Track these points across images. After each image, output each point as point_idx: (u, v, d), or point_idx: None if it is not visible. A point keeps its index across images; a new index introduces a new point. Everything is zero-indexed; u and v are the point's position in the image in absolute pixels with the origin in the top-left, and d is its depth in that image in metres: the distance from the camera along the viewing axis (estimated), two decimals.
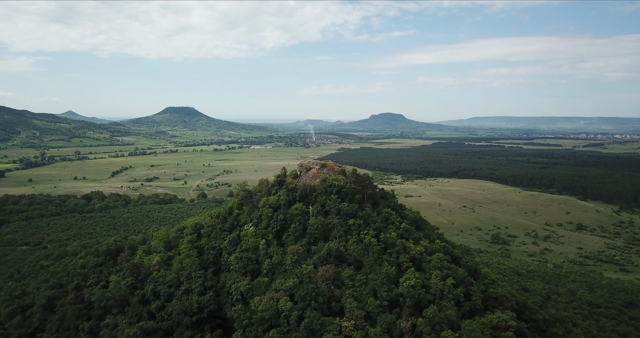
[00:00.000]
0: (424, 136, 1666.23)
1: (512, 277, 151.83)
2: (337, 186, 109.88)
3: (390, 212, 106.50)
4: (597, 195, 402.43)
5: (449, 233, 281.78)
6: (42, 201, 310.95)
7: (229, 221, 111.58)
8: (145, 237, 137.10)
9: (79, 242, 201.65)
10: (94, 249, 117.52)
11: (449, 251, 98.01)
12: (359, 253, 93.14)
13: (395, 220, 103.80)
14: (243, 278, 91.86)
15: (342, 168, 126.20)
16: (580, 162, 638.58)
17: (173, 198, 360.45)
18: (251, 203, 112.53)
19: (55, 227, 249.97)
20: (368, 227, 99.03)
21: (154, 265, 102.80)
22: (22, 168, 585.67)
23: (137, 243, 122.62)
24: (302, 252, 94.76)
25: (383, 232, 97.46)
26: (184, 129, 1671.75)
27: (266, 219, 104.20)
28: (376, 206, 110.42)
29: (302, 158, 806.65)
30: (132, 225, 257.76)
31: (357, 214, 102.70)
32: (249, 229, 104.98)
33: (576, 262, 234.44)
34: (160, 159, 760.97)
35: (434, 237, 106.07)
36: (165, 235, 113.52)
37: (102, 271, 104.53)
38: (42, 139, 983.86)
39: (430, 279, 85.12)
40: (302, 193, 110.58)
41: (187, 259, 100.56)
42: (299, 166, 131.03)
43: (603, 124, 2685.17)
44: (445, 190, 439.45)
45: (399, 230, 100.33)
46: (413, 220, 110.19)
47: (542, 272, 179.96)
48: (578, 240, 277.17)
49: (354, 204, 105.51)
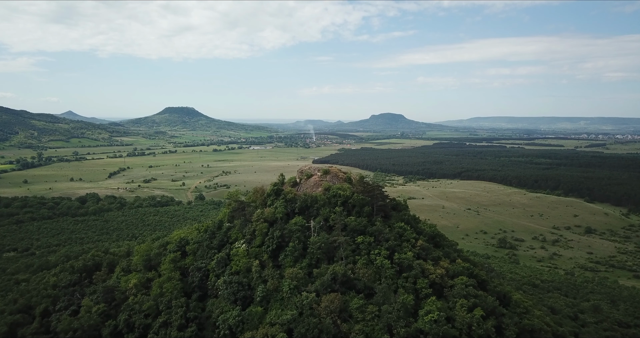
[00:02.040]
0: (425, 136, 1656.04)
1: (530, 291, 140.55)
2: (343, 196, 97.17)
3: (405, 226, 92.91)
4: (605, 197, 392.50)
5: (454, 237, 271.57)
6: (35, 204, 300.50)
7: (218, 237, 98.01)
8: (130, 249, 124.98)
9: (67, 248, 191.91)
10: (69, 265, 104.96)
11: (473, 273, 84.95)
12: (370, 278, 79.92)
13: (411, 236, 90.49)
14: (232, 307, 78.75)
15: (348, 174, 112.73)
16: (584, 162, 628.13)
17: (170, 201, 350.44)
18: (243, 216, 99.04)
19: (46, 232, 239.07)
20: (379, 246, 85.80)
21: (130, 288, 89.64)
22: (18, 169, 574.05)
23: (118, 258, 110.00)
24: (303, 276, 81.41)
25: (397, 252, 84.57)
26: (183, 129, 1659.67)
27: (260, 235, 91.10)
28: (387, 219, 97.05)
29: (302, 159, 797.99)
30: (125, 230, 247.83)
31: (366, 230, 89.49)
32: (240, 247, 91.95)
33: (587, 267, 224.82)
34: (158, 160, 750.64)
35: (454, 256, 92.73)
36: (147, 251, 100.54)
37: (74, 292, 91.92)
38: (40, 139, 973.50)
39: (455, 310, 72.56)
40: (302, 204, 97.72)
41: (168, 283, 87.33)
42: (298, 172, 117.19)
43: (603, 124, 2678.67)
44: (448, 192, 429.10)
45: (415, 248, 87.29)
46: (430, 235, 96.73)
47: (557, 282, 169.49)
48: (587, 245, 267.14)
49: (363, 218, 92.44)
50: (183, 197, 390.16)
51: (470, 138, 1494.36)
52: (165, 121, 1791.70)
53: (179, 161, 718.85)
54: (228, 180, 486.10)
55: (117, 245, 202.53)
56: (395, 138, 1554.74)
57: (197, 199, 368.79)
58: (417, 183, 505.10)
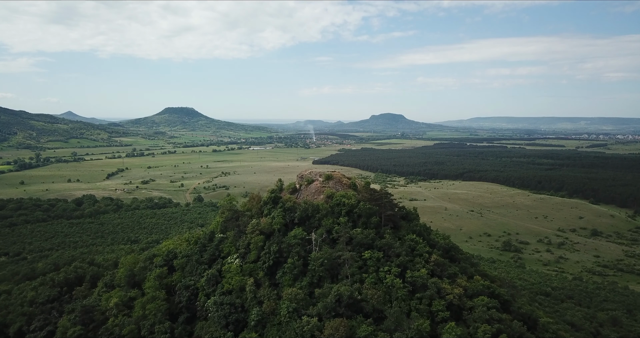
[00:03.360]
0: (425, 136, 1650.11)
1: (544, 301, 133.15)
2: (347, 205, 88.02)
3: (417, 239, 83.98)
4: (610, 198, 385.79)
5: (457, 239, 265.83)
6: (30, 206, 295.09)
7: (209, 250, 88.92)
8: (118, 259, 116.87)
9: (59, 253, 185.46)
10: (50, 278, 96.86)
11: (495, 293, 75.98)
12: (379, 299, 71.03)
13: (423, 250, 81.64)
14: (224, 333, 70.32)
15: (352, 180, 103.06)
16: (587, 163, 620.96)
17: (167, 203, 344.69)
18: (237, 227, 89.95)
19: (39, 235, 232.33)
20: (389, 262, 77.04)
21: (111, 308, 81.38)
22: (15, 170, 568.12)
23: (103, 270, 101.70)
24: (303, 297, 72.52)
25: (409, 269, 75.83)
26: (183, 129, 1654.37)
27: (255, 250, 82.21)
28: (397, 231, 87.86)
29: (302, 159, 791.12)
30: (121, 233, 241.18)
31: (374, 244, 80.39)
32: (233, 263, 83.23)
33: (595, 272, 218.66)
34: (157, 160, 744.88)
35: (472, 271, 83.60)
36: (133, 263, 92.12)
37: (52, 310, 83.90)
38: (39, 139, 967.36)
39: (477, 337, 64.18)
40: (302, 214, 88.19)
41: (152, 304, 78.63)
42: (298, 178, 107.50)
43: (604, 124, 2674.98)
44: (451, 194, 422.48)
45: (429, 264, 78.54)
46: (445, 248, 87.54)
47: (567, 289, 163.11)
48: (594, 248, 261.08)
49: (370, 230, 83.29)
50: (181, 199, 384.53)
51: (471, 138, 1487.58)
52: (164, 121, 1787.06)
53: (178, 162, 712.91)
54: (227, 181, 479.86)
55: (111, 249, 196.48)
56: (395, 138, 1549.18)
57: (196, 201, 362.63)
58: (418, 185, 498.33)
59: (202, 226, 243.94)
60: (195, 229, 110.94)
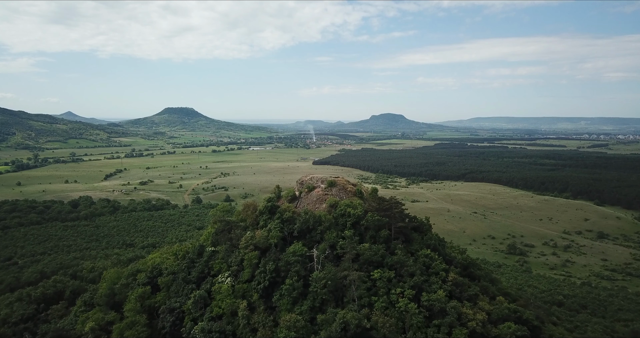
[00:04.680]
0: (425, 137, 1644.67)
1: (561, 313, 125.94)
2: (353, 216, 79.21)
3: (432, 255, 74.62)
4: (615, 199, 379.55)
5: (461, 242, 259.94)
6: (25, 208, 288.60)
7: (198, 267, 79.95)
8: (104, 269, 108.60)
9: (50, 259, 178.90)
10: (26, 293, 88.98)
11: (522, 317, 66.99)
12: (391, 328, 61.95)
13: (440, 268, 72.44)
14: None
15: (358, 187, 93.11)
16: (590, 163, 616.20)
17: (165, 204, 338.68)
18: (229, 241, 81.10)
19: (32, 238, 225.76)
20: (402, 283, 68.26)
21: (86, 333, 73.10)
22: (12, 170, 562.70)
23: (85, 284, 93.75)
24: (303, 324, 63.58)
25: (425, 291, 66.97)
26: (183, 129, 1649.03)
27: (249, 267, 73.55)
28: (409, 245, 78.39)
29: (302, 159, 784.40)
30: (116, 236, 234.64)
31: (384, 262, 71.47)
32: (224, 282, 74.72)
33: (603, 276, 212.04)
34: (157, 161, 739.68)
35: (493, 291, 74.08)
36: (115, 279, 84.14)
37: (24, 332, 76.03)
38: (37, 140, 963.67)
39: None
40: (302, 226, 79.15)
41: (131, 331, 70.35)
42: (298, 184, 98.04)
43: (604, 124, 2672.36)
44: (453, 195, 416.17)
45: (447, 284, 69.62)
46: (463, 265, 78.25)
47: (579, 297, 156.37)
48: (601, 251, 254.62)
49: (379, 245, 74.28)
50: (180, 200, 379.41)
51: (472, 138, 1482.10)
52: (164, 121, 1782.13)
53: (178, 162, 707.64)
54: (226, 182, 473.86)
55: (104, 253, 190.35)
56: (395, 138, 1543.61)
57: (194, 202, 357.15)
58: (420, 185, 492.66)
59: (200, 229, 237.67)
60: (185, 242, 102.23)
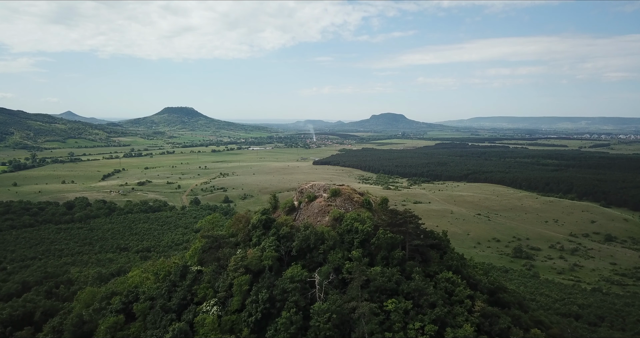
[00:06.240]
0: (426, 136, 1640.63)
1: (580, 328, 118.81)
2: (362, 232, 68.50)
3: (454, 278, 63.87)
4: (622, 201, 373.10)
5: (465, 245, 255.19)
6: (18, 209, 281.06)
7: (180, 292, 69.04)
8: (84, 285, 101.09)
9: (40, 264, 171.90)
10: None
11: None
12: None
13: (464, 294, 61.78)
14: None
15: (366, 197, 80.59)
16: (593, 164, 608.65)
17: (162, 206, 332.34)
18: (217, 261, 70.72)
19: (24, 242, 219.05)
20: (421, 315, 57.56)
21: None
22: (10, 170, 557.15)
23: (58, 304, 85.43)
24: None
25: (449, 325, 56.55)
26: (182, 129, 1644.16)
27: (239, 294, 63.02)
28: (426, 266, 67.39)
29: (302, 159, 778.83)
30: (110, 240, 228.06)
31: (399, 289, 60.91)
32: (209, 312, 63.94)
33: (614, 281, 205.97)
34: (155, 161, 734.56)
35: (526, 320, 62.46)
36: (90, 299, 75.51)
37: None
38: (36, 139, 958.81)
39: None
40: (301, 245, 68.55)
41: None
42: (297, 193, 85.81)
43: (605, 124, 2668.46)
44: (456, 196, 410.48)
45: (474, 315, 59.12)
46: (489, 289, 66.49)
47: (595, 307, 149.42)
48: (609, 254, 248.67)
49: (393, 268, 63.64)
50: (178, 201, 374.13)
51: (472, 138, 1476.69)
52: (164, 121, 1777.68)
53: (177, 162, 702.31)
54: (225, 183, 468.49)
55: (96, 259, 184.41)
56: (396, 138, 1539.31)
57: (192, 203, 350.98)
58: (422, 186, 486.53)
59: (198, 232, 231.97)
60: (169, 258, 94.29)
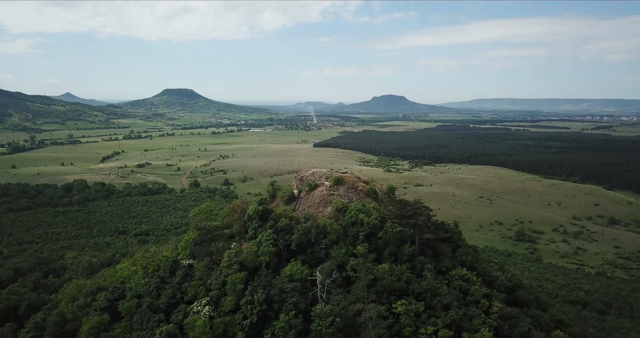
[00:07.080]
0: (427, 118, 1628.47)
1: (589, 317, 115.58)
2: (368, 225, 62.42)
3: (468, 275, 58.29)
4: (626, 184, 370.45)
5: (468, 228, 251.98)
6: (16, 192, 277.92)
7: (169, 289, 63.66)
8: (74, 274, 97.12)
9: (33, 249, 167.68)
10: None
11: None
12: None
13: (480, 294, 56.55)
14: None
15: (371, 185, 74.42)
16: (596, 146, 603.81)
17: (161, 188, 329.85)
18: (209, 256, 65.12)
19: (21, 225, 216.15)
20: (434, 318, 52.51)
21: None
22: (8, 153, 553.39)
23: (45, 296, 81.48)
24: None
25: (466, 329, 51.56)
26: (182, 111, 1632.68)
27: (233, 294, 57.64)
28: (438, 261, 61.49)
29: (302, 141, 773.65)
30: (109, 223, 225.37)
31: (409, 289, 55.44)
32: (200, 313, 58.66)
33: (617, 265, 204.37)
34: (155, 143, 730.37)
35: (547, 321, 57.06)
36: (76, 293, 70.88)
37: None
38: (35, 121, 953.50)
39: None
40: (301, 238, 62.84)
41: None
42: (297, 181, 78.56)
43: (606, 106, 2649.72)
44: (458, 178, 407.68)
45: (492, 317, 54.13)
46: (507, 288, 60.88)
47: (602, 293, 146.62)
48: (613, 237, 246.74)
49: (402, 265, 58.08)
50: (177, 183, 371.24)
51: (474, 120, 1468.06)
52: (163, 103, 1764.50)
53: (176, 144, 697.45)
54: (225, 165, 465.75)
55: (93, 243, 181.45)
56: (397, 120, 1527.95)
57: (192, 186, 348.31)
58: (423, 169, 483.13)
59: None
60: (161, 246, 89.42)
